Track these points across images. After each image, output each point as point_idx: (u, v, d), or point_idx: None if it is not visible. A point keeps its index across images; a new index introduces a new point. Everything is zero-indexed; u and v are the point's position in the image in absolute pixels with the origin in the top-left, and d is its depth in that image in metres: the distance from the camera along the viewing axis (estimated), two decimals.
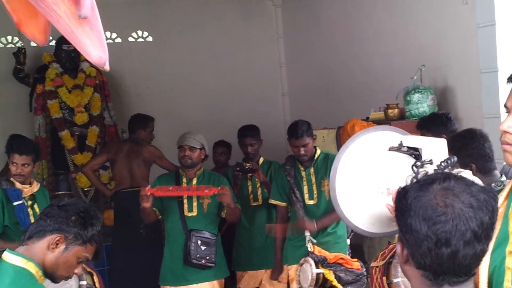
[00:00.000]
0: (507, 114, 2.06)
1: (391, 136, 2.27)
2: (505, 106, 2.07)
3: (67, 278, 2.91)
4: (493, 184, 3.51)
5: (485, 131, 5.03)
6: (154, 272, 5.76)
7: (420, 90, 5.94)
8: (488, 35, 5.46)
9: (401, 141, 2.23)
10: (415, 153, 2.16)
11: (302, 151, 5.31)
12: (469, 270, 1.72)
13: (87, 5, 1.86)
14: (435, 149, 2.10)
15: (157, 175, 5.82)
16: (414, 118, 5.87)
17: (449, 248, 1.65)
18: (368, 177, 2.20)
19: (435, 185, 1.71)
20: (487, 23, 5.47)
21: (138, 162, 7.02)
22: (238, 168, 6.14)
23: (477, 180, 2.05)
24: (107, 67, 2.03)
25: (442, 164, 2.01)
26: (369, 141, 2.28)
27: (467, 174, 2.01)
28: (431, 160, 2.05)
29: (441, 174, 1.81)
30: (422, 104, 5.88)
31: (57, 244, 2.78)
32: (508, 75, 5.27)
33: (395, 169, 2.12)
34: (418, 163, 2.02)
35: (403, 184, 1.89)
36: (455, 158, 2.04)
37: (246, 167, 6.09)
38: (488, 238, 1.70)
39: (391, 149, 2.19)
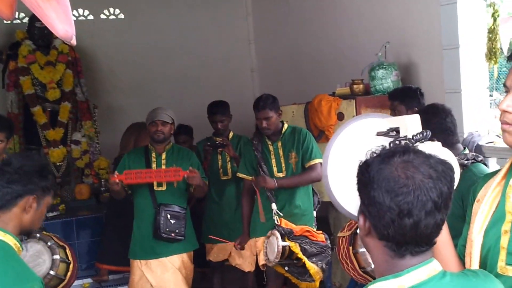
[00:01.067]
0: (506, 93, 2.02)
1: (376, 122, 2.25)
2: (504, 85, 2.03)
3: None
4: (456, 157, 3.54)
5: (447, 105, 5.09)
6: None
7: (384, 66, 5.95)
8: (450, 13, 5.49)
9: (389, 127, 2.21)
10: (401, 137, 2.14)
11: (264, 123, 5.33)
12: (430, 240, 1.74)
13: None
14: (411, 126, 2.10)
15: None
16: (379, 94, 5.92)
17: (411, 218, 1.67)
18: (358, 163, 2.21)
19: (395, 158, 1.72)
20: (449, 2, 5.49)
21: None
22: (209, 143, 6.13)
23: (448, 152, 2.06)
24: (73, 41, 2.02)
25: (417, 136, 2.02)
26: (358, 129, 2.28)
27: (436, 146, 2.02)
28: (405, 136, 2.05)
29: (400, 147, 1.82)
30: (386, 80, 5.90)
31: (31, 204, 2.83)
32: (469, 51, 5.34)
33: None
34: (397, 142, 2.03)
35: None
36: (429, 132, 2.04)
37: (217, 142, 6.09)
38: (447, 208, 1.73)
39: (379, 134, 2.18)
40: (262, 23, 9.11)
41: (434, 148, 1.87)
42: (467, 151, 3.88)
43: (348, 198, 2.21)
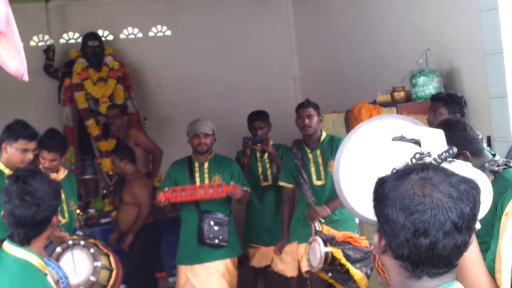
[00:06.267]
0: None
1: (396, 124, 1.99)
2: None
3: None
4: (486, 164, 3.21)
5: (492, 110, 4.63)
6: None
7: (425, 73, 5.59)
8: (492, 18, 5.10)
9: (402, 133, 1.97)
10: (418, 141, 1.89)
11: (306, 121, 5.17)
12: (449, 262, 1.55)
13: (2, 20, 1.84)
14: (434, 140, 1.84)
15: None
16: (421, 100, 5.55)
17: (427, 238, 1.50)
18: (372, 167, 1.93)
19: (412, 175, 1.55)
20: (490, 7, 5.10)
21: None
22: (248, 137, 5.95)
23: (479, 173, 1.80)
24: (25, 78, 1.95)
25: (443, 154, 1.76)
26: (372, 131, 2.01)
27: (466, 166, 1.76)
28: (429, 152, 1.79)
29: (419, 164, 1.62)
30: (428, 87, 5.52)
31: (56, 221, 2.77)
32: None
33: (399, 158, 1.85)
34: (417, 155, 1.78)
35: None
36: (455, 149, 1.78)
37: (256, 138, 5.92)
38: (470, 230, 1.54)
39: (394, 139, 1.93)
40: (303, 34, 8.88)
41: (464, 169, 1.66)
42: (498, 157, 3.50)
43: (363, 203, 1.94)
